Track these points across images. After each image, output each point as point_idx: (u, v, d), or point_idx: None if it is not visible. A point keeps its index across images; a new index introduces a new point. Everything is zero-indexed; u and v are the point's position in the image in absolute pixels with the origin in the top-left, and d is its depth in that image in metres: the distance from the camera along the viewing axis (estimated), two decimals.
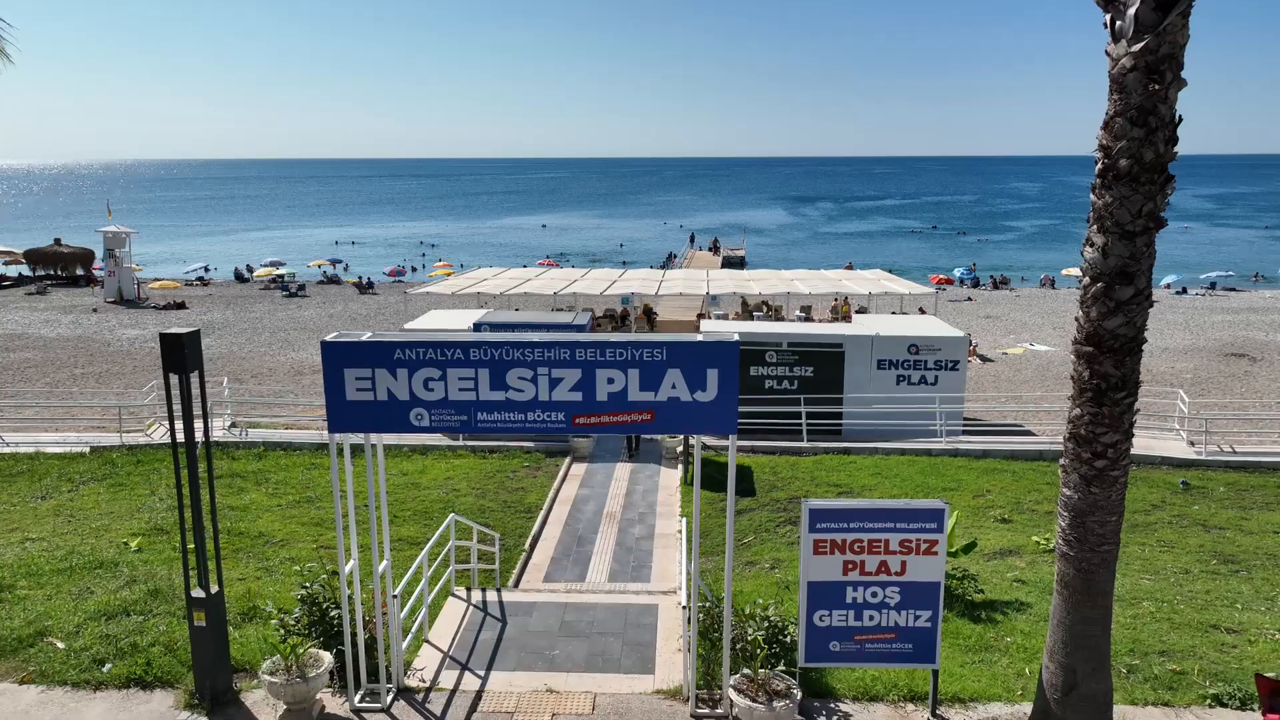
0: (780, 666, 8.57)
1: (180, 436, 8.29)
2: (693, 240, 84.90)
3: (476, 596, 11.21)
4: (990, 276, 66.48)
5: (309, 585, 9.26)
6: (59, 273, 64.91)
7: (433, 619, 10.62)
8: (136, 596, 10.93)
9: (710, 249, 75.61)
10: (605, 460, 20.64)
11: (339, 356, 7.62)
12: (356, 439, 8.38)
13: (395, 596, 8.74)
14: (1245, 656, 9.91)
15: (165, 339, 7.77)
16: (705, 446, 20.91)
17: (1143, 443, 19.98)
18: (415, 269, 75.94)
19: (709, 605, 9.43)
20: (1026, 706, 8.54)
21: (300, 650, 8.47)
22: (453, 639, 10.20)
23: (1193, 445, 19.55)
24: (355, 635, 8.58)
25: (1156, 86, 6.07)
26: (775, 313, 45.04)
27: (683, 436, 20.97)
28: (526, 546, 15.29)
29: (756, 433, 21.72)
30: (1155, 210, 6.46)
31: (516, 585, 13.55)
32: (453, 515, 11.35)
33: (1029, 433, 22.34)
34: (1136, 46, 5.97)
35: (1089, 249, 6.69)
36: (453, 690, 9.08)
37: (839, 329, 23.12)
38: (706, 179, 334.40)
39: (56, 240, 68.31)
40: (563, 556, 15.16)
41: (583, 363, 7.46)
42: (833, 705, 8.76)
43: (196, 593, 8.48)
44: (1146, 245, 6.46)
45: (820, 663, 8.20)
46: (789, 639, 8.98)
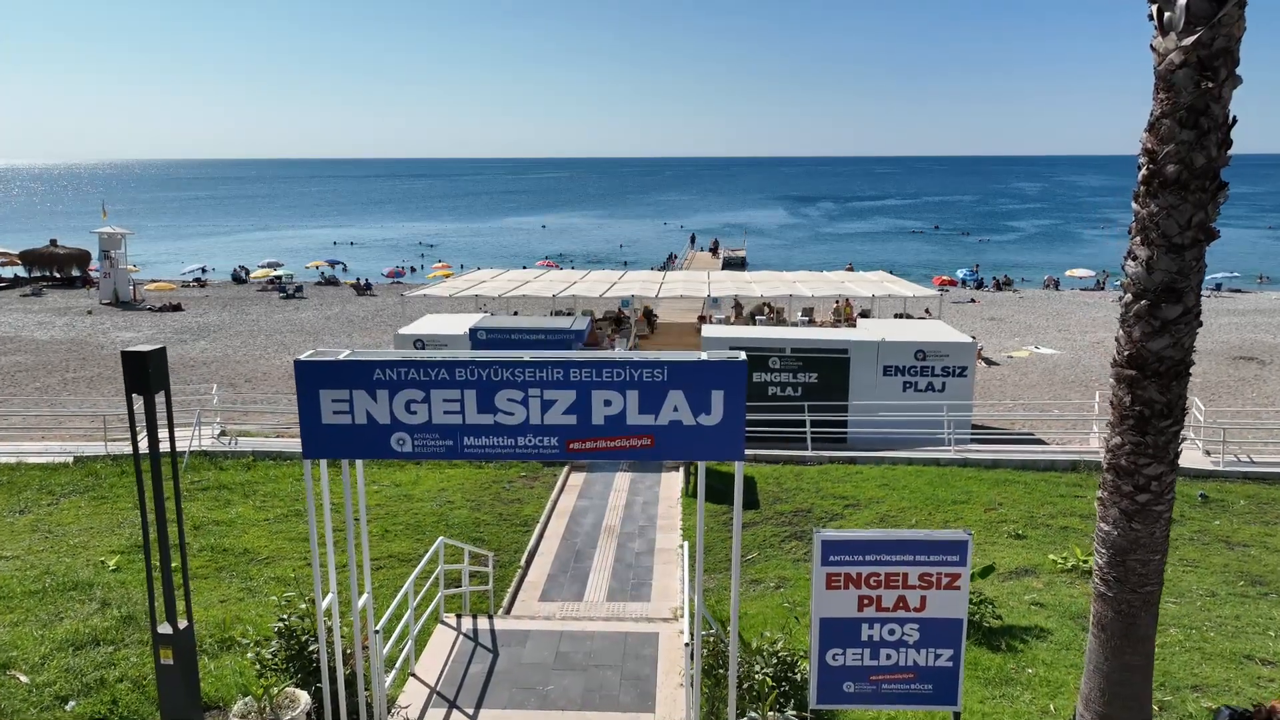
0: (790, 709, 8.01)
1: (150, 458, 7.71)
2: (693, 241, 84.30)
3: (467, 624, 10.64)
4: (993, 278, 65.90)
5: (286, 617, 8.69)
6: (55, 274, 64.42)
7: (420, 649, 10.06)
8: (108, 624, 10.38)
9: (710, 250, 74.94)
10: (604, 469, 20.06)
11: (314, 377, 7.04)
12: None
13: (377, 632, 8.17)
14: None
15: (127, 357, 7.22)
16: None
17: None
18: (414, 269, 75.42)
19: (713, 637, 8.86)
20: None
21: (275, 690, 7.92)
22: (440, 672, 9.62)
23: (1209, 455, 18.96)
24: (334, 673, 8.01)
25: (1209, 84, 5.51)
26: (777, 314, 44.47)
27: None
28: (522, 563, 14.73)
29: (759, 441, 21.16)
30: (1206, 221, 5.89)
31: (511, 606, 12.98)
32: (441, 539, 10.78)
33: (1039, 441, 21.77)
34: (1188, 40, 5.41)
35: (1131, 263, 6.12)
36: None
37: (844, 334, 22.56)
38: (707, 179, 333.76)
39: (52, 241, 67.81)
40: (560, 573, 14.59)
41: (577, 384, 6.88)
42: None
43: (164, 628, 7.91)
44: (1196, 259, 5.89)
45: (833, 704, 7.65)
46: (799, 676, 8.42)
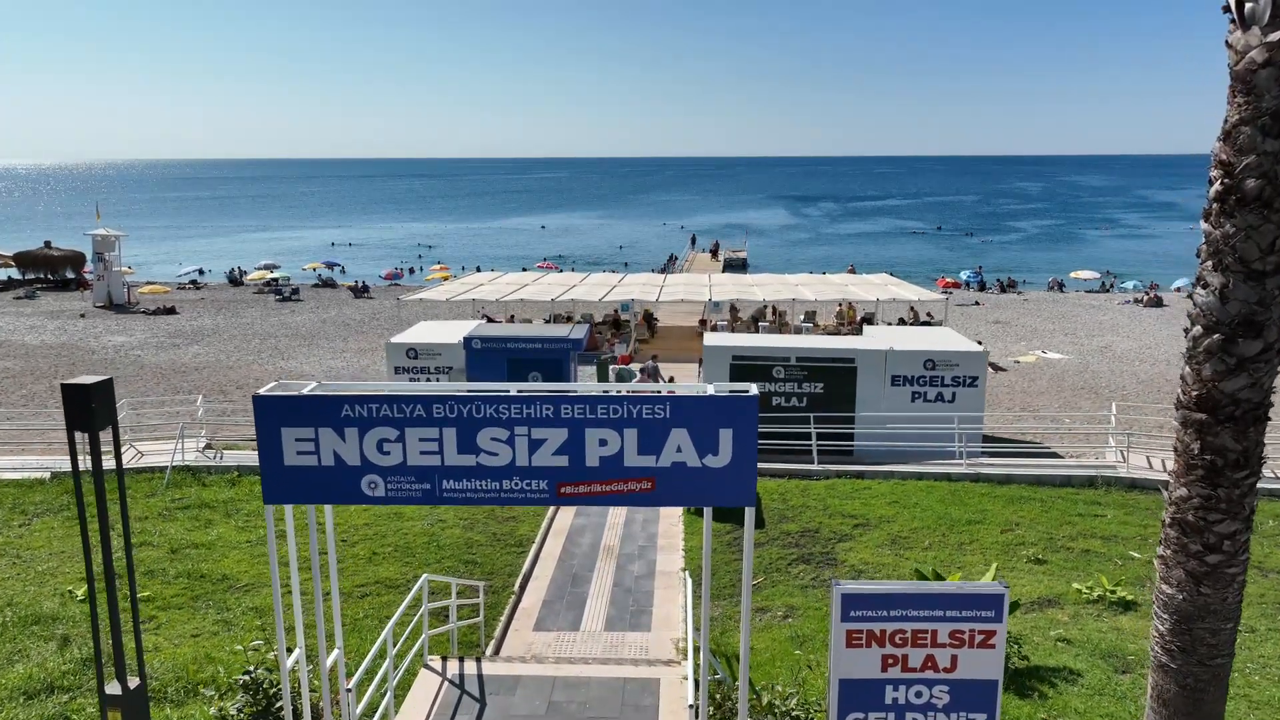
0: None
1: (97, 505, 6.99)
2: (694, 242, 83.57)
3: (453, 668, 9.90)
4: (997, 279, 65.09)
5: (253, 669, 7.97)
6: (49, 276, 63.72)
7: (400, 700, 9.33)
8: (67, 667, 9.67)
9: (710, 253, 74.14)
10: None
11: (275, 414, 6.31)
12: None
13: (350, 690, 7.46)
14: None
15: (68, 390, 6.51)
16: None
17: None
18: (413, 271, 74.69)
19: (720, 686, 8.15)
20: None
21: None
22: None
23: None
24: None
25: None
26: (780, 318, 43.74)
27: None
28: (516, 588, 14.00)
29: (763, 453, 20.44)
30: None
31: (503, 639, 12.25)
32: (425, 577, 10.05)
33: (1054, 454, 21.01)
34: (1274, 36, 4.69)
35: (1201, 291, 5.41)
36: None
37: (850, 343, 21.83)
38: (707, 179, 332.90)
39: (46, 243, 67.12)
40: (555, 599, 13.87)
41: (569, 421, 6.16)
42: None
43: (112, 688, 7.19)
44: (1279, 288, 5.15)
45: None
46: None
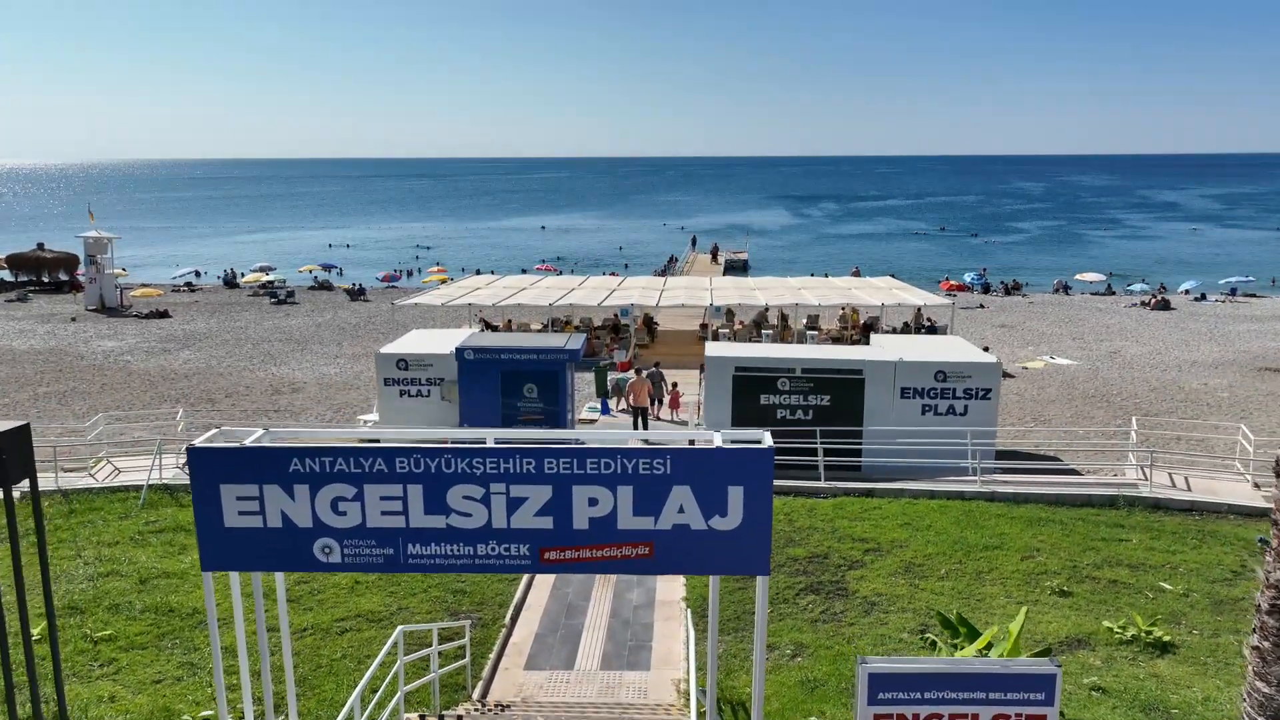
0: None
1: (13, 565, 6.17)
2: (694, 243, 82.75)
3: None
4: (1001, 282, 64.22)
5: None
6: (42, 278, 62.94)
7: None
8: None
9: (710, 256, 73.24)
10: None
11: (214, 468, 5.49)
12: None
13: None
14: None
15: None
16: None
17: (1203, 485, 17.87)
18: (410, 273, 73.85)
19: None
20: None
21: None
22: None
23: (1259, 488, 17.43)
24: None
25: None
26: (783, 321, 42.94)
27: None
28: (506, 621, 13.18)
29: None
30: None
31: (490, 681, 11.44)
32: (400, 629, 9.23)
33: (1071, 471, 20.15)
34: None
35: None
36: None
37: (858, 353, 21.01)
38: (707, 179, 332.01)
39: (39, 245, 66.36)
40: (548, 633, 13.05)
41: (554, 477, 5.35)
42: None
43: None
44: None
45: None
46: None
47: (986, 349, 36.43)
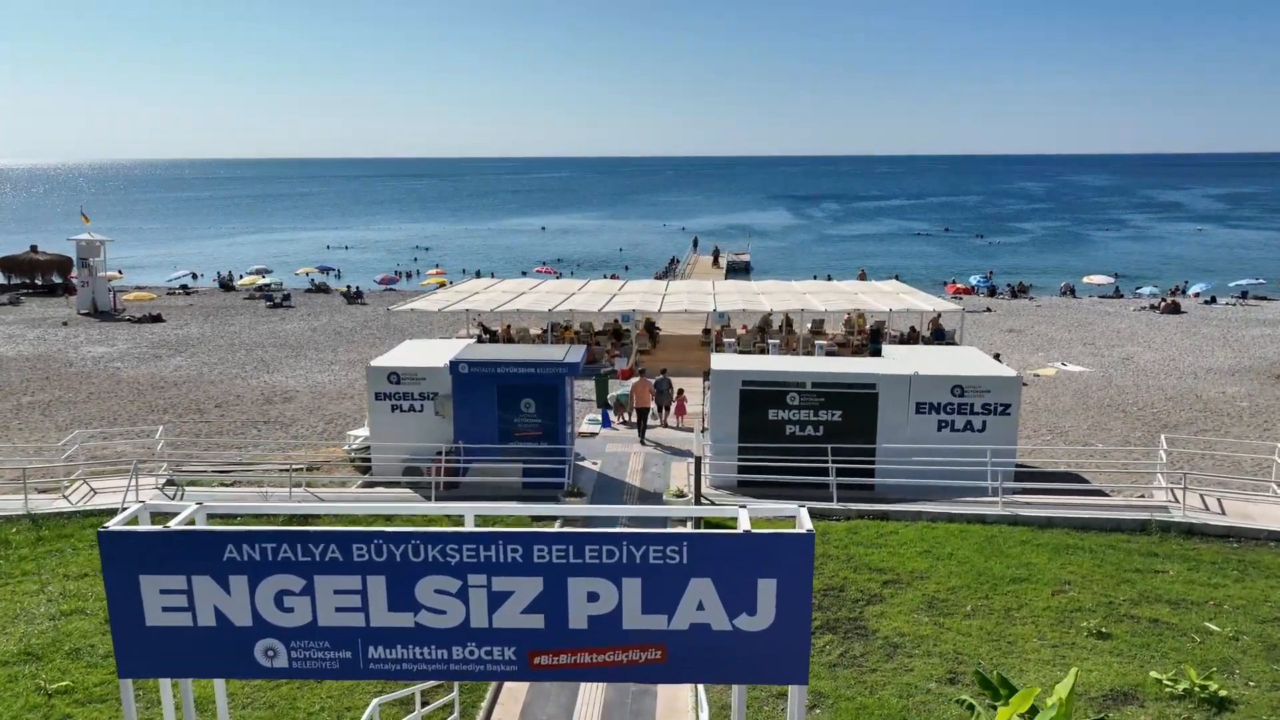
0: None
1: None
2: (695, 244, 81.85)
3: None
4: (1008, 284, 63.27)
5: None
6: (35, 281, 62.06)
7: None
8: None
9: (711, 259, 72.20)
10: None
11: (131, 557, 4.49)
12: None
13: None
14: None
15: None
16: (715, 505, 17.91)
17: (1237, 508, 16.95)
18: (409, 275, 72.96)
19: None
20: None
21: None
22: None
23: None
24: None
25: None
26: (788, 326, 42.01)
27: (690, 487, 18.00)
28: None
29: (777, 487, 18.74)
30: None
31: None
32: (376, 703, 8.30)
33: (1096, 491, 19.19)
34: None
35: None
36: None
37: (872, 367, 20.08)
38: (708, 179, 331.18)
39: (33, 247, 65.49)
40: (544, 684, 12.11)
41: (545, 567, 4.39)
42: None
43: None
44: None
45: None
46: None
47: (997, 356, 35.53)
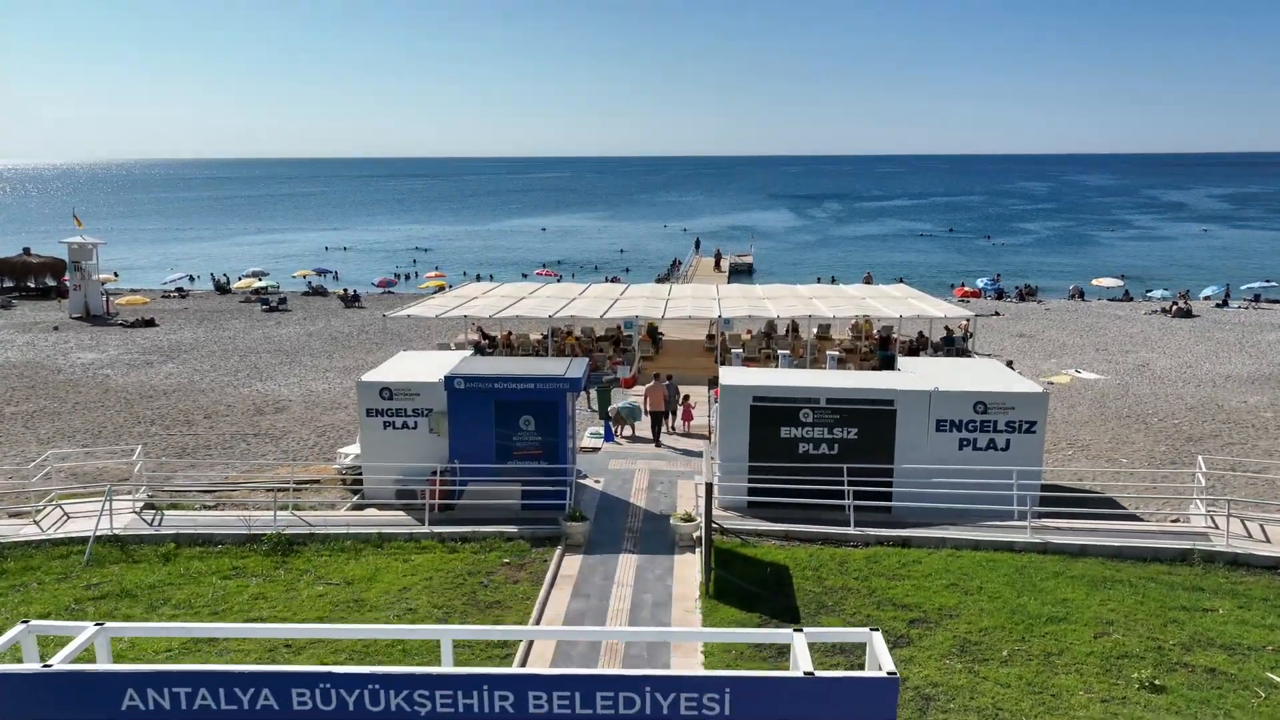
0: None
1: None
2: (698, 246, 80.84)
3: None
4: (1016, 287, 62.22)
5: None
6: (28, 284, 61.13)
7: None
8: None
9: (714, 263, 71.12)
10: (606, 549, 16.67)
11: (3, 702, 3.47)
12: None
13: None
14: None
15: None
16: (724, 531, 16.91)
17: None
18: (407, 277, 72.03)
19: None
20: None
21: None
22: None
23: None
24: None
25: None
26: (794, 331, 41.01)
27: (699, 520, 17.00)
28: None
29: (790, 508, 17.76)
30: None
31: None
32: None
33: (1132, 516, 18.14)
34: None
35: None
36: None
37: (889, 382, 19.07)
38: (709, 178, 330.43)
39: (25, 249, 64.58)
40: None
41: (544, 718, 3.36)
42: None
43: None
44: None
45: None
46: None
47: (1010, 364, 34.53)
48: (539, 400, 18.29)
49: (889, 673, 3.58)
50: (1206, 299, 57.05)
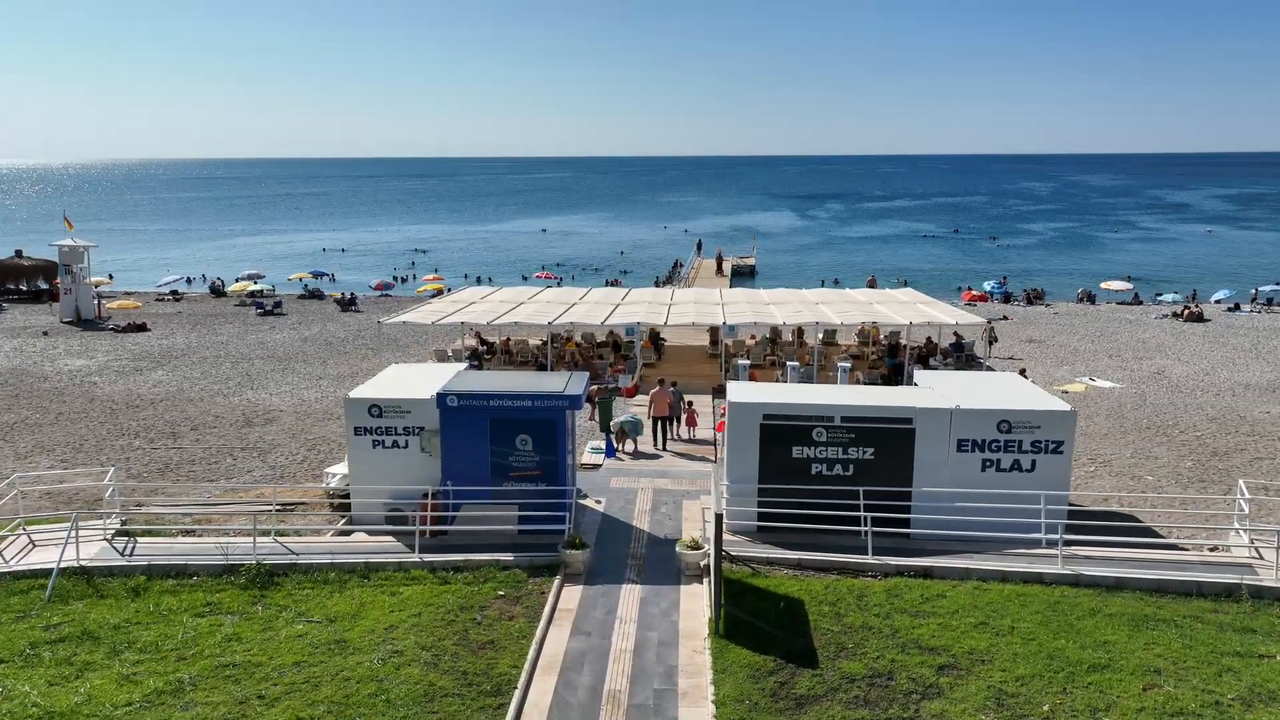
0: None
1: None
2: (699, 248, 79.81)
3: None
4: (1023, 290, 61.20)
5: None
6: (20, 287, 60.22)
7: None
8: None
9: (715, 265, 70.03)
10: (608, 579, 15.64)
11: None
12: None
13: None
14: None
15: None
16: (733, 559, 15.87)
17: None
18: (405, 279, 71.10)
19: None
20: None
21: None
22: None
23: None
24: None
25: None
26: (799, 336, 40.04)
27: (706, 548, 15.97)
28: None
29: (804, 534, 16.76)
30: None
31: None
32: None
33: (1172, 545, 17.04)
34: None
35: None
36: None
37: (908, 399, 18.03)
38: (710, 178, 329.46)
39: (17, 252, 63.68)
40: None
41: None
42: None
43: None
44: None
45: None
46: None
47: (1023, 372, 33.50)
48: (537, 419, 17.28)
49: None
50: (1217, 303, 56.05)
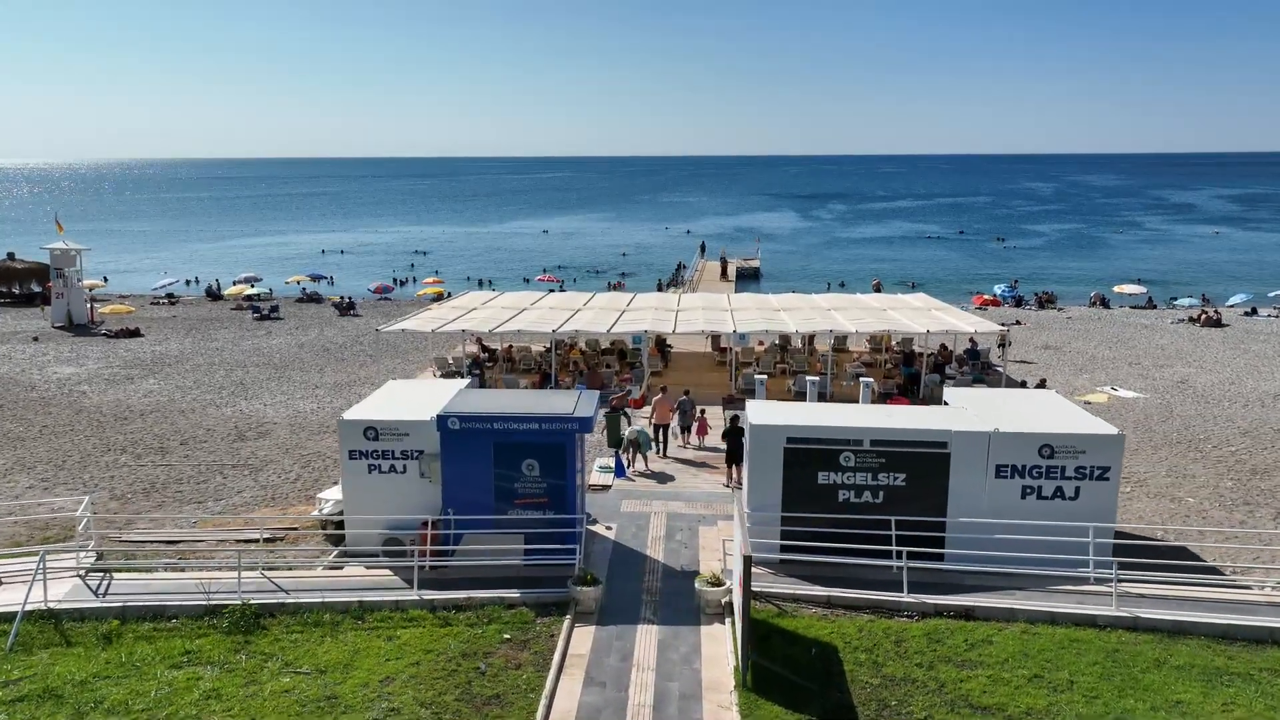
0: None
1: None
2: (703, 250, 78.60)
3: None
4: (1034, 293, 59.98)
5: None
6: (13, 291, 59.07)
7: None
8: None
9: (720, 268, 68.80)
10: (622, 618, 14.45)
11: None
12: None
13: None
14: None
15: None
16: (757, 595, 14.68)
17: None
18: (404, 282, 69.92)
19: None
20: None
21: None
22: None
23: None
24: None
25: None
26: (809, 343, 38.89)
27: (728, 585, 14.79)
28: None
29: (833, 567, 15.59)
30: None
31: None
32: None
33: (1240, 585, 15.78)
34: None
35: None
36: None
37: (942, 421, 16.85)
38: (711, 178, 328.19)
39: (10, 255, 62.41)
40: None
41: None
42: None
43: None
44: None
45: None
46: None
47: (1043, 383, 32.33)
48: (544, 443, 16.10)
49: None
50: (1232, 307, 54.83)
